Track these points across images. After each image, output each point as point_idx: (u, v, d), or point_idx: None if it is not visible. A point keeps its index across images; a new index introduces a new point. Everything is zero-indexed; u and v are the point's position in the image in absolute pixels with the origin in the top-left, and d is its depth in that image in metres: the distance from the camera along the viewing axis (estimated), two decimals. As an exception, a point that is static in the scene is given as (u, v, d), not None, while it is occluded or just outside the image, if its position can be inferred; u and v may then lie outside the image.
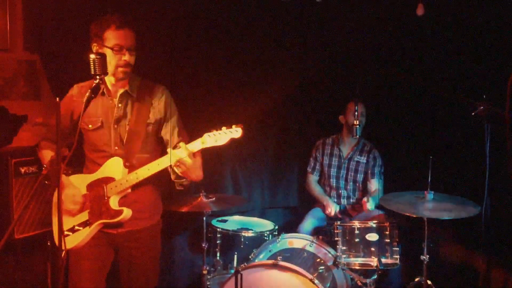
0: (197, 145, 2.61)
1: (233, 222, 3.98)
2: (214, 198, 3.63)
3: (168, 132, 2.83)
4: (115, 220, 2.69)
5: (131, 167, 2.72)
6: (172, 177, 2.81)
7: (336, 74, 4.35)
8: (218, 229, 3.76)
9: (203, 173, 2.77)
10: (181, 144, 2.62)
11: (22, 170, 3.37)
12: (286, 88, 4.33)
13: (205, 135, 2.59)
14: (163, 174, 2.79)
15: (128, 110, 2.76)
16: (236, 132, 2.56)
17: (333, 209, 4.00)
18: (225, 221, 3.97)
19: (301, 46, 4.33)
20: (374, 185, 4.09)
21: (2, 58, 3.82)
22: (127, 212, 2.70)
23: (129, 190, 2.72)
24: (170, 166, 2.66)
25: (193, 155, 2.61)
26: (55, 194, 2.80)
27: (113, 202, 2.72)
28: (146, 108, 2.76)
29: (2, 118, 3.71)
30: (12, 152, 3.39)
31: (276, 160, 4.46)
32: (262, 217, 4.18)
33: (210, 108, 4.04)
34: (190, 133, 2.90)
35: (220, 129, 2.58)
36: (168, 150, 2.65)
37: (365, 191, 4.19)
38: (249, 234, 3.71)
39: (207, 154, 2.76)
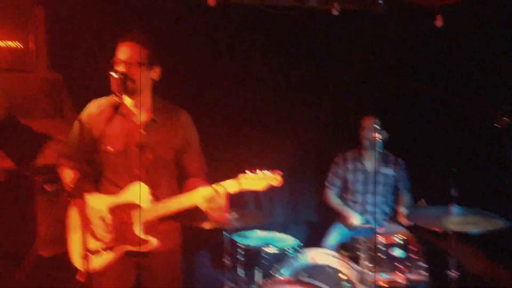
0: (233, 186, 2.56)
1: (255, 237, 3.94)
2: (235, 214, 3.61)
3: (189, 159, 2.80)
4: (142, 249, 2.65)
5: (154, 194, 2.68)
6: None
7: (353, 87, 4.35)
8: (239, 245, 3.73)
9: None
10: (220, 184, 2.57)
11: (47, 188, 3.43)
12: (303, 103, 4.36)
13: (241, 177, 2.55)
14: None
15: (152, 137, 2.69)
16: (275, 179, 2.54)
17: (356, 218, 3.93)
18: (246, 236, 3.93)
19: (317, 60, 4.35)
20: (407, 199, 4.07)
21: (26, 77, 3.92)
22: (154, 242, 2.65)
23: (156, 220, 2.67)
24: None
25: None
26: (71, 214, 2.79)
27: (139, 230, 2.65)
28: (171, 135, 2.72)
29: (27, 136, 3.78)
30: (36, 170, 3.46)
31: (295, 175, 4.43)
32: (283, 232, 4.12)
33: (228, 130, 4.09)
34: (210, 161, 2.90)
35: (256, 171, 2.55)
36: (199, 188, 2.61)
37: (392, 205, 4.14)
38: (271, 249, 3.68)
39: (228, 171, 2.70)
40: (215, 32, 4.04)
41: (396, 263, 3.30)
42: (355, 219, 3.93)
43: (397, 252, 3.34)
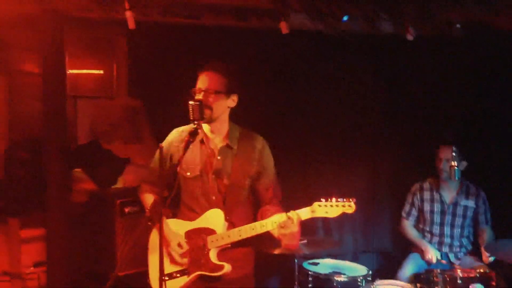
0: (307, 213, 2.58)
1: (325, 265, 3.88)
2: (305, 241, 3.58)
3: (264, 185, 2.81)
4: (215, 274, 2.68)
5: (230, 220, 2.72)
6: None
7: (431, 115, 4.25)
8: (309, 272, 3.68)
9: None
10: (293, 212, 2.59)
11: (126, 210, 3.57)
12: (378, 130, 4.32)
13: (315, 205, 2.57)
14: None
15: (228, 163, 2.74)
16: (349, 207, 2.55)
17: (434, 255, 3.78)
18: (316, 264, 3.87)
19: (392, 87, 4.30)
20: (489, 233, 3.88)
21: (108, 104, 4.16)
22: (227, 268, 2.68)
23: (229, 246, 2.71)
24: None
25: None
26: (152, 236, 2.87)
27: (213, 255, 2.70)
28: (246, 162, 2.75)
29: (108, 161, 3.96)
30: (117, 193, 3.62)
31: (368, 203, 4.37)
32: (354, 261, 4.06)
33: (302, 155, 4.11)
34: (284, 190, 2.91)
35: (330, 198, 2.56)
36: (272, 214, 2.65)
37: (472, 238, 3.96)
38: (342, 278, 3.61)
39: (302, 198, 2.73)
40: (289, 59, 4.10)
41: (475, 299, 3.14)
42: (433, 255, 3.78)
43: (477, 287, 3.17)
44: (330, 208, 2.55)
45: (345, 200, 2.55)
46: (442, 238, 3.94)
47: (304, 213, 2.58)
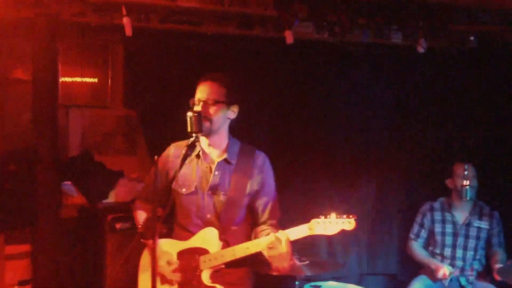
0: (304, 230, 2.47)
1: (328, 288, 3.74)
2: (307, 262, 3.42)
3: (262, 204, 2.68)
4: None
5: (225, 240, 2.60)
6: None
7: (440, 133, 4.15)
8: (311, 296, 3.54)
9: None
10: (286, 231, 2.47)
11: (118, 226, 3.47)
12: (383, 146, 4.22)
13: (313, 221, 2.46)
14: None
15: (226, 179, 2.62)
16: (349, 224, 2.45)
17: (446, 270, 3.60)
18: (319, 287, 3.70)
19: (400, 100, 4.20)
20: (502, 255, 3.71)
21: (102, 114, 4.06)
22: None
23: (223, 266, 2.57)
24: None
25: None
26: (144, 255, 2.75)
27: (205, 276, 2.57)
28: (245, 178, 2.63)
29: (100, 174, 3.85)
30: (108, 208, 3.52)
31: (374, 223, 4.26)
32: (359, 284, 3.90)
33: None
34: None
35: (329, 215, 2.45)
36: (262, 234, 2.56)
37: (483, 261, 3.80)
38: (345, 301, 3.47)
39: (299, 216, 2.58)
40: (293, 70, 4.01)
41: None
42: (446, 270, 3.60)
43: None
44: (329, 225, 2.44)
45: (345, 217, 2.45)
46: (453, 261, 3.77)
47: (299, 231, 2.46)
